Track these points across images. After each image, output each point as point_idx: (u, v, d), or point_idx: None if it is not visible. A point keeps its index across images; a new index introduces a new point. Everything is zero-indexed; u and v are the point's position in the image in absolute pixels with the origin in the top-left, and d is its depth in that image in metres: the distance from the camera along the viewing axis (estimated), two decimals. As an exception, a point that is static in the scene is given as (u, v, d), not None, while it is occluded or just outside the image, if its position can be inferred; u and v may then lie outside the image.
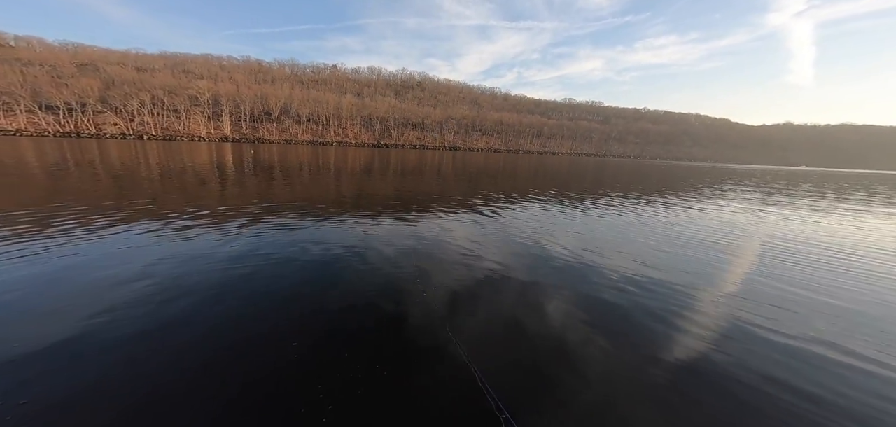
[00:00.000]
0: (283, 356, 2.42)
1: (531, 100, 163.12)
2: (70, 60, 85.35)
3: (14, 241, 4.49)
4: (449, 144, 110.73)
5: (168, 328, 2.69)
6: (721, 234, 6.97)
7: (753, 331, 3.10)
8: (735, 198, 13.72)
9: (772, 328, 3.16)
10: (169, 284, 3.44)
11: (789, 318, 3.39)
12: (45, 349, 2.37)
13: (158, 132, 77.11)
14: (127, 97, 76.12)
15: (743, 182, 22.99)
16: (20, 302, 3.01)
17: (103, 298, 3.12)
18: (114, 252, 4.30)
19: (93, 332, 2.60)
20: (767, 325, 3.22)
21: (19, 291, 3.18)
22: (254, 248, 4.65)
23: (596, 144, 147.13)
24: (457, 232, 6.17)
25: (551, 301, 3.55)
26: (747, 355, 2.72)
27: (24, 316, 2.81)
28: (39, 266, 3.75)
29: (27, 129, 65.30)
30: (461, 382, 2.25)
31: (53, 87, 71.39)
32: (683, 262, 5.01)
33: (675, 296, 3.81)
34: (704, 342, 2.88)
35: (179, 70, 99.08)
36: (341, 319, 2.95)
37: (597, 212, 8.89)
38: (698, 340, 2.91)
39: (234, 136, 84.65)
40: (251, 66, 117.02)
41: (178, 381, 2.14)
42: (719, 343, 2.88)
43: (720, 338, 2.96)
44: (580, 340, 2.84)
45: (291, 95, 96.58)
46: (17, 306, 2.94)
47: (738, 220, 8.82)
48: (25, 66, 74.85)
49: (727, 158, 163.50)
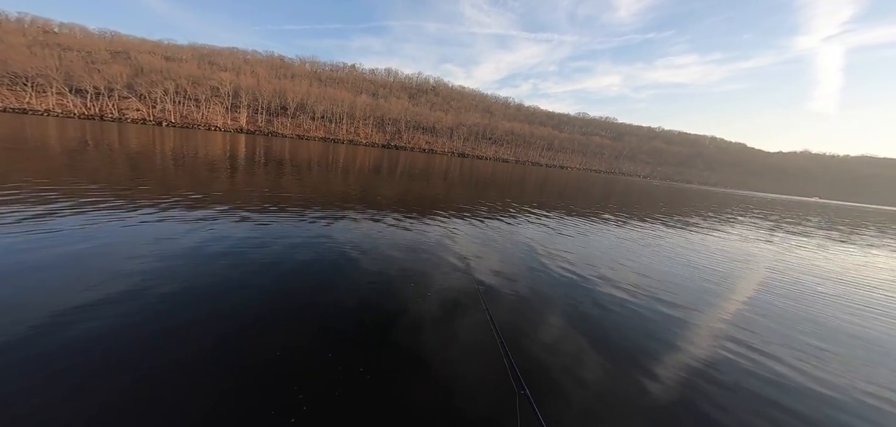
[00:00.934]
0: (270, 350, 2.45)
1: (544, 112, 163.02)
2: (105, 48, 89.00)
3: (24, 217, 4.68)
4: (458, 151, 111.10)
5: (160, 314, 2.76)
6: (725, 262, 6.83)
7: (745, 359, 3.03)
8: (744, 226, 13.44)
9: (764, 356, 3.08)
10: (164, 271, 3.53)
11: (786, 352, 3.30)
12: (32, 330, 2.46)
13: (177, 119, 79.36)
14: (152, 85, 78.80)
15: (752, 211, 22.49)
16: (30, 276, 3.13)
17: (92, 282, 3.22)
18: (108, 235, 4.44)
19: (80, 311, 2.69)
20: (760, 352, 3.13)
21: (29, 267, 3.32)
22: (256, 239, 4.74)
23: (606, 161, 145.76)
24: (459, 237, 6.19)
25: (547, 313, 3.54)
26: (738, 383, 2.66)
27: (32, 292, 2.92)
28: (41, 244, 3.91)
29: (54, 110, 68.02)
30: (442, 391, 2.26)
31: (85, 72, 74.43)
32: (686, 286, 4.92)
33: (674, 318, 3.74)
34: (697, 364, 2.83)
35: (205, 61, 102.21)
36: (332, 316, 2.98)
37: (601, 229, 8.81)
38: (691, 362, 2.85)
39: (249, 128, 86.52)
40: (273, 61, 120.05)
41: (171, 367, 2.19)
42: (711, 366, 2.82)
43: (712, 361, 2.90)
44: (573, 353, 2.83)
45: (308, 92, 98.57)
46: (29, 280, 3.06)
47: (744, 248, 8.65)
48: (64, 51, 78.33)
49: (740, 184, 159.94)
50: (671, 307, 4.14)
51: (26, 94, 69.10)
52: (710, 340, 3.41)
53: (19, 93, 68.78)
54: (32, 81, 69.25)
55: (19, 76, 68.94)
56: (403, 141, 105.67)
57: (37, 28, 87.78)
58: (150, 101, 79.04)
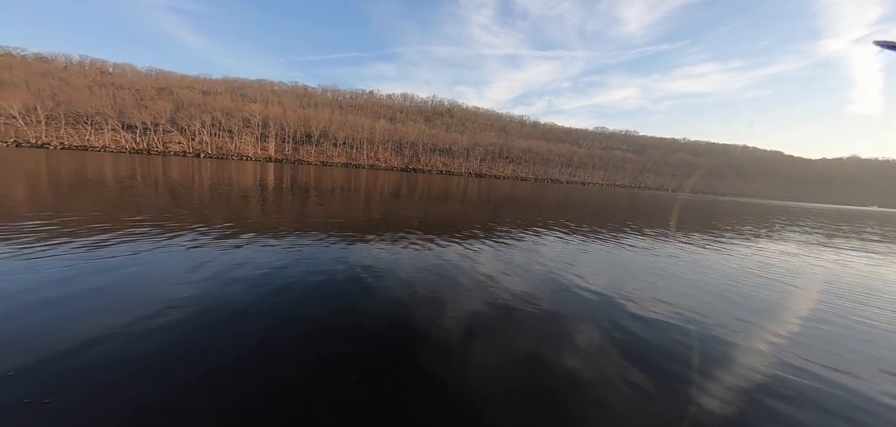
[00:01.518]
0: (296, 369, 2.52)
1: (561, 128, 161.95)
2: (152, 85, 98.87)
3: (83, 246, 5.16)
4: (474, 171, 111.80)
5: (193, 334, 2.92)
6: (772, 279, 6.31)
7: (799, 392, 2.75)
8: (789, 239, 12.42)
9: (825, 390, 2.78)
10: (201, 293, 3.75)
11: (849, 381, 2.97)
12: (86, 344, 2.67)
13: (213, 151, 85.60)
14: (191, 118, 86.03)
15: (797, 222, 20.81)
16: (84, 299, 3.43)
17: (138, 303, 3.47)
18: (153, 261, 4.79)
19: (124, 332, 2.90)
20: (821, 386, 2.83)
21: (83, 290, 3.64)
22: (283, 264, 4.95)
23: (630, 175, 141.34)
24: (479, 258, 6.16)
25: (573, 334, 3.43)
26: (792, 417, 2.41)
27: (87, 312, 3.19)
28: (90, 269, 4.27)
29: (109, 146, 75.43)
30: (467, 412, 2.21)
31: (135, 109, 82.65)
32: (723, 307, 4.59)
33: (711, 343, 3.49)
34: (739, 394, 2.60)
35: (238, 94, 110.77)
36: (356, 338, 3.03)
37: (628, 245, 8.46)
38: (732, 393, 2.63)
39: (278, 157, 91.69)
40: (298, 90, 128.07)
41: (198, 383, 2.30)
42: (755, 401, 2.58)
43: (757, 395, 2.66)
44: (600, 378, 2.72)
45: (331, 119, 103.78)
46: (83, 303, 3.35)
47: (792, 264, 7.96)
48: (117, 90, 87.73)
49: (780, 195, 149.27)
50: (712, 328, 3.87)
51: (86, 131, 77.27)
52: (758, 366, 3.14)
53: (81, 130, 77.02)
54: (91, 119, 77.54)
55: (81, 115, 77.46)
56: (421, 164, 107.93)
57: (95, 69, 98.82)
58: (189, 133, 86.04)
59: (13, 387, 2.19)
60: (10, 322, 2.97)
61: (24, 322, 2.99)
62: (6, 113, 69.44)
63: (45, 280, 3.86)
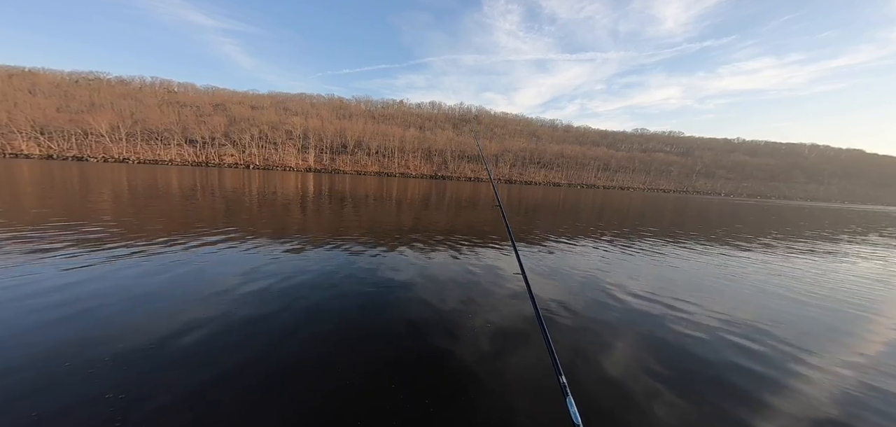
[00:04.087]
0: (334, 375, 2.57)
1: (596, 131, 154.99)
2: (209, 101, 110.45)
3: (141, 248, 5.79)
4: (504, 177, 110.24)
5: (238, 336, 3.10)
6: (849, 290, 5.41)
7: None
8: (875, 247, 10.62)
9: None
10: (248, 296, 4.00)
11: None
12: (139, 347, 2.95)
13: (261, 163, 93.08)
14: (242, 131, 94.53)
15: (890, 229, 17.76)
16: (151, 300, 3.82)
17: (191, 305, 3.77)
18: (208, 264, 5.22)
19: (171, 336, 3.15)
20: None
21: (150, 291, 4.06)
22: (318, 269, 5.15)
23: (675, 180, 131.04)
24: (512, 264, 6.01)
25: (613, 345, 3.24)
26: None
27: (148, 313, 3.55)
28: (150, 269, 4.75)
29: (175, 160, 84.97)
30: (501, 421, 2.11)
31: (196, 125, 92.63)
32: (790, 320, 4.00)
33: (777, 359, 3.05)
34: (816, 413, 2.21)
35: (281, 108, 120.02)
36: (391, 344, 3.04)
37: (675, 254, 7.75)
38: (801, 414, 2.24)
39: (316, 167, 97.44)
40: (334, 103, 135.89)
41: (240, 385, 2.43)
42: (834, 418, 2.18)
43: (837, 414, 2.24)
44: (646, 393, 2.54)
45: (364, 129, 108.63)
46: (147, 304, 3.73)
47: (882, 274, 6.76)
48: (181, 108, 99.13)
49: (862, 198, 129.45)
50: (774, 346, 3.38)
51: (157, 147, 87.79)
52: (828, 393, 2.67)
53: (153, 146, 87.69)
54: (160, 135, 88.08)
55: (153, 132, 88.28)
56: (449, 171, 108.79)
57: (163, 89, 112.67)
58: (240, 146, 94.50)
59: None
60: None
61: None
62: (97, 132, 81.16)
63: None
